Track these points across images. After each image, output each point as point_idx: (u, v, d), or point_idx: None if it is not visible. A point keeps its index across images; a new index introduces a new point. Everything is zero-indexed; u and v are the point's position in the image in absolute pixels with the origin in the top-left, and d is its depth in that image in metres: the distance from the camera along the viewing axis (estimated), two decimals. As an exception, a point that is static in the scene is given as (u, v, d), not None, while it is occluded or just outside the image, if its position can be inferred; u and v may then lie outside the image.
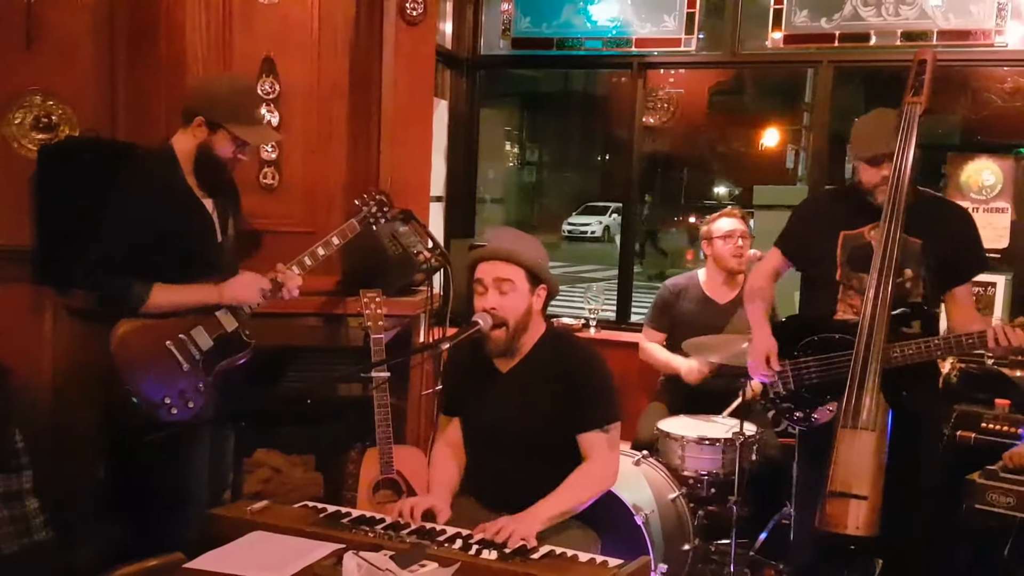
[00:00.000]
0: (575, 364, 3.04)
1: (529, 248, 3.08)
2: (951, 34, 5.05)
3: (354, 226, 3.81)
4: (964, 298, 3.47)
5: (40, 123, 4.13)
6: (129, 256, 3.25)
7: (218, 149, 3.38)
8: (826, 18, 5.28)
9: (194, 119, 3.36)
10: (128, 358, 3.30)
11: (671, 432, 4.25)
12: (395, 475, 3.97)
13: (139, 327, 3.31)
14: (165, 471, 3.39)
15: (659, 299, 4.95)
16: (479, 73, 6.17)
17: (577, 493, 2.91)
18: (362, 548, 2.35)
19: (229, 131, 3.36)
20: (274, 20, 4.32)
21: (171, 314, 3.32)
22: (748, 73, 15.78)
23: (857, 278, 3.44)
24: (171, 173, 3.37)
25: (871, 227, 3.43)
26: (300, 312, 4.33)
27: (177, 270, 3.34)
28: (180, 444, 3.34)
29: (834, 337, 3.44)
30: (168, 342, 3.33)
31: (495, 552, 2.47)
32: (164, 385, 3.32)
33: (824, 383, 3.43)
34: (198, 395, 3.38)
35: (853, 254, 3.46)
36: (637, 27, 5.70)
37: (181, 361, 3.35)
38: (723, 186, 25.38)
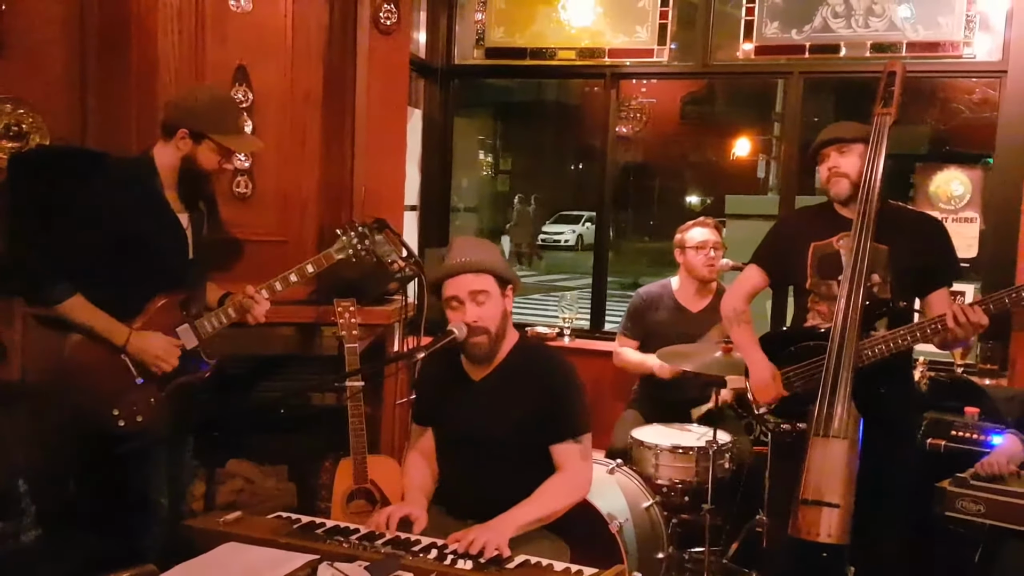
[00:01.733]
0: (547, 374, 3.05)
1: (491, 253, 3.10)
2: (920, 46, 5.11)
3: (331, 256, 3.77)
4: (940, 304, 3.48)
5: (10, 131, 4.09)
6: (77, 257, 3.23)
7: (203, 160, 3.35)
8: (796, 29, 5.33)
9: (176, 132, 3.32)
10: (81, 364, 3.27)
11: (645, 441, 4.26)
12: (369, 485, 3.96)
13: (90, 337, 3.27)
14: (122, 481, 3.36)
15: (632, 307, 4.96)
16: (453, 82, 6.18)
17: (549, 502, 2.91)
18: (337, 559, 2.34)
19: (214, 141, 3.33)
20: (247, 28, 4.31)
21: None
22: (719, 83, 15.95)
23: (825, 284, 3.50)
24: (147, 183, 3.33)
25: (839, 237, 3.49)
26: (274, 321, 4.30)
27: (139, 280, 3.31)
28: (134, 455, 3.32)
29: (809, 345, 3.47)
30: (124, 355, 3.30)
31: (470, 562, 2.46)
32: (114, 397, 3.28)
33: (807, 392, 3.45)
34: (148, 409, 3.32)
35: (822, 262, 3.52)
36: (610, 37, 5.73)
37: (135, 374, 3.31)
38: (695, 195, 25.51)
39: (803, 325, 3.55)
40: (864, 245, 3.29)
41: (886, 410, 3.31)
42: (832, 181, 3.50)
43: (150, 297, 3.34)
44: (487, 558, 2.49)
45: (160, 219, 3.35)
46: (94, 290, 3.24)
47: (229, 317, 3.50)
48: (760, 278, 3.74)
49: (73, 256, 3.24)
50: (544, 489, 2.92)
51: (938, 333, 3.27)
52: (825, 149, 3.53)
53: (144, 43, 4.19)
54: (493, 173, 29.06)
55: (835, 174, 3.49)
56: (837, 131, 3.55)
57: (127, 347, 3.28)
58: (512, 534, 2.68)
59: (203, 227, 3.52)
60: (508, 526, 2.71)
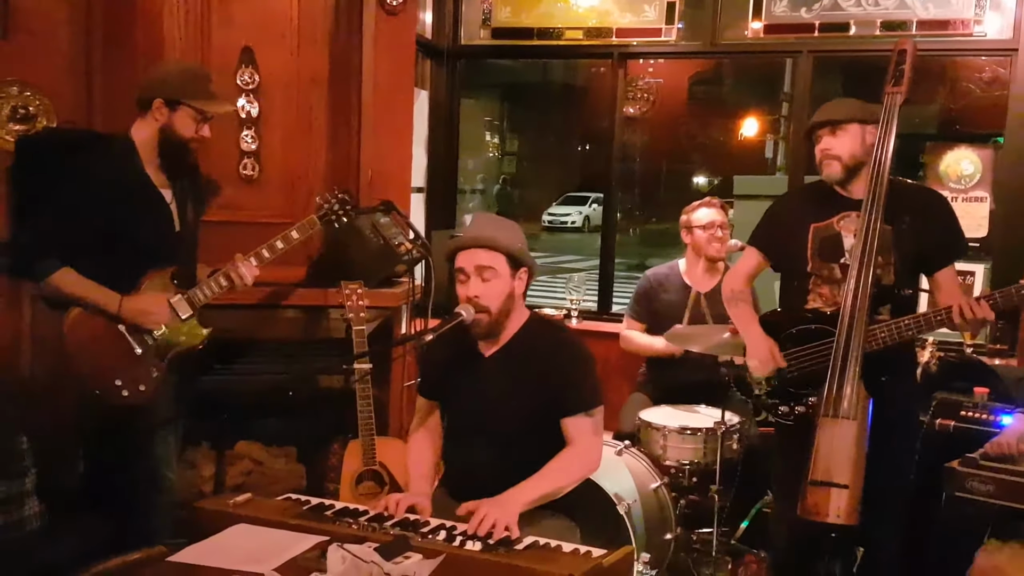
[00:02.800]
0: (558, 348, 3.04)
1: (508, 233, 3.07)
2: (930, 24, 5.07)
3: (314, 222, 3.80)
4: (948, 282, 3.46)
5: (17, 114, 4.09)
6: (63, 235, 3.30)
7: (180, 127, 3.41)
8: (806, 8, 5.29)
9: (152, 103, 3.39)
10: (80, 340, 3.33)
11: (653, 422, 4.27)
12: (378, 467, 3.97)
13: (85, 308, 3.35)
14: (129, 454, 3.44)
15: (640, 289, 4.95)
16: (459, 63, 6.15)
17: (559, 476, 2.91)
18: (346, 540, 2.34)
19: (189, 105, 3.39)
20: (253, 9, 4.31)
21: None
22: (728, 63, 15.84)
23: (827, 268, 3.47)
24: (126, 162, 3.39)
25: (839, 217, 3.46)
26: (281, 304, 4.32)
27: (128, 257, 3.38)
28: (141, 427, 3.41)
29: (811, 328, 3.46)
30: (122, 327, 3.37)
31: (479, 543, 2.47)
32: (116, 368, 3.36)
33: (807, 374, 3.45)
34: (150, 379, 3.41)
35: (822, 245, 3.48)
36: (617, 17, 5.70)
37: (134, 345, 3.39)
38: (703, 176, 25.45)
39: (804, 307, 3.53)
40: (874, 226, 3.27)
41: (888, 397, 3.30)
42: (824, 163, 3.46)
43: (141, 272, 3.41)
44: (496, 539, 2.50)
45: (142, 195, 3.41)
46: (85, 267, 3.31)
47: (220, 285, 3.54)
48: (759, 259, 3.70)
49: (61, 233, 3.31)
50: (554, 464, 2.91)
51: (943, 324, 3.27)
52: (819, 131, 3.49)
53: (150, 25, 4.19)
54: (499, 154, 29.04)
55: (827, 156, 3.44)
56: (829, 112, 3.50)
57: (120, 312, 3.34)
58: (521, 509, 2.68)
59: (188, 201, 3.57)
60: (517, 501, 2.71)
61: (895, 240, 3.38)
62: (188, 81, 3.44)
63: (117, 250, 3.35)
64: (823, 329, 3.39)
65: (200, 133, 3.46)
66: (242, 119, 4.33)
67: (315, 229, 3.81)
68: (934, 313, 3.27)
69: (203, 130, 3.46)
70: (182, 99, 3.39)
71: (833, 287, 3.44)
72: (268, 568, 2.19)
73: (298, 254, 4.35)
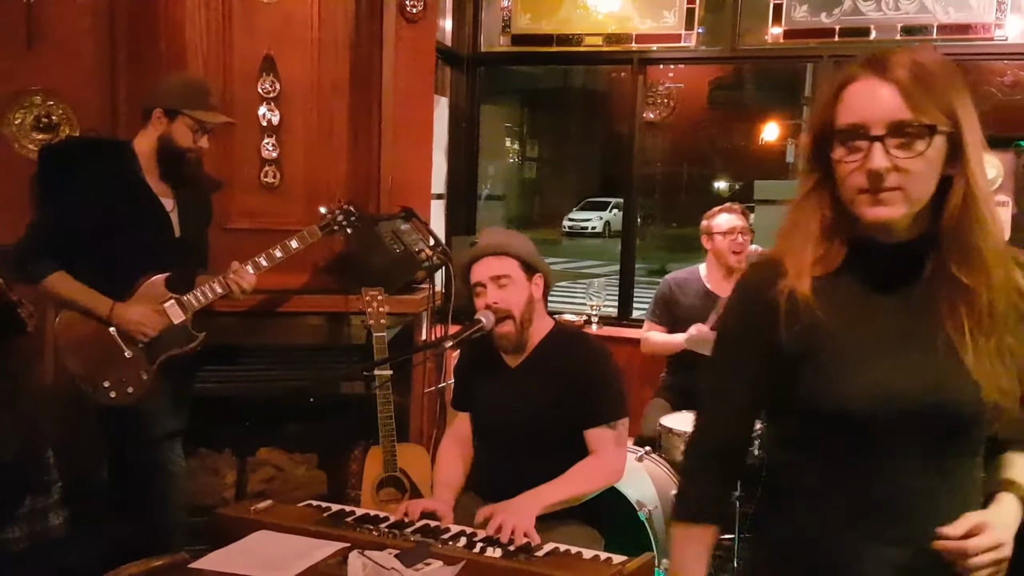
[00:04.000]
0: (583, 359, 3.04)
1: (518, 240, 3.11)
2: (951, 28, 5.05)
3: (315, 232, 3.85)
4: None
5: (40, 123, 4.13)
6: (60, 238, 3.40)
7: (178, 137, 3.48)
8: (826, 13, 5.27)
9: (152, 113, 3.48)
10: (70, 340, 3.42)
11: (674, 428, 4.25)
12: (399, 473, 3.98)
13: (79, 312, 3.43)
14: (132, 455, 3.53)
15: (660, 294, 4.94)
16: (479, 70, 6.16)
17: (578, 484, 2.91)
18: (367, 547, 2.35)
19: (187, 116, 3.47)
20: (274, 18, 4.33)
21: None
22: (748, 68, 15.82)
23: None
24: (125, 169, 3.48)
25: None
26: (302, 311, 4.34)
27: (126, 260, 3.46)
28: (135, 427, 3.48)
29: None
30: (112, 329, 3.44)
31: (499, 550, 2.47)
32: (104, 369, 3.43)
33: None
34: (139, 382, 3.47)
35: None
36: (637, 23, 5.70)
37: (123, 347, 3.45)
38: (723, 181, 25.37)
39: None
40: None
41: None
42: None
43: (136, 277, 3.48)
44: (516, 545, 2.50)
45: (139, 202, 3.49)
46: (83, 271, 3.41)
47: (214, 292, 3.59)
48: None
49: (58, 236, 3.41)
50: (574, 470, 2.91)
51: None
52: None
53: (172, 34, 4.22)
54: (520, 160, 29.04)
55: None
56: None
57: (111, 318, 3.42)
58: (537, 513, 2.68)
59: (190, 209, 3.63)
60: (533, 506, 2.71)
61: None
62: (187, 93, 3.52)
63: (114, 254, 3.43)
64: None
65: (198, 143, 3.53)
66: (263, 127, 4.35)
67: (315, 239, 3.85)
68: None
69: (201, 141, 3.53)
70: (180, 110, 3.46)
71: None
72: (289, 574, 2.20)
73: (319, 261, 4.39)
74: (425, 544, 2.45)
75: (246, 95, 4.32)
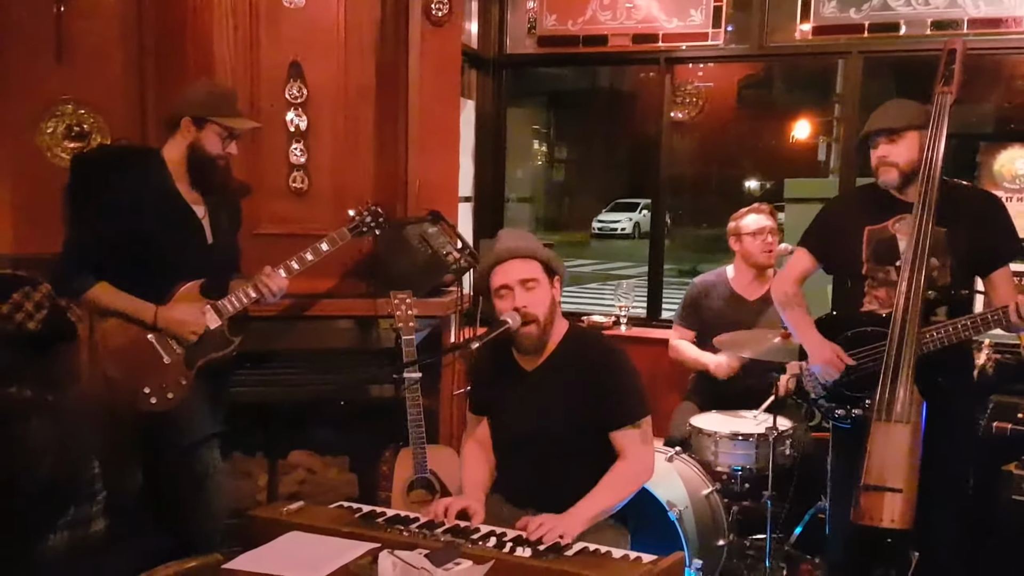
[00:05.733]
0: (601, 360, 3.05)
1: (536, 242, 3.14)
2: (982, 22, 5.01)
3: (345, 234, 3.90)
4: (1003, 282, 3.43)
5: (72, 132, 4.20)
6: (97, 251, 3.44)
7: (207, 144, 3.52)
8: (855, 8, 5.25)
9: (180, 122, 3.52)
10: (110, 348, 3.45)
11: (704, 428, 4.26)
12: (429, 474, 4.00)
13: (124, 319, 3.47)
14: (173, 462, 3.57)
15: (688, 296, 4.94)
16: (505, 72, 6.17)
17: (616, 491, 2.92)
18: (397, 547, 2.37)
19: (215, 123, 3.51)
20: (300, 24, 4.37)
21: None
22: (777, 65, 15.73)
23: (883, 271, 3.45)
24: (156, 179, 3.52)
25: (895, 220, 3.45)
26: (332, 315, 4.38)
27: (161, 269, 3.50)
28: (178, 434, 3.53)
29: (866, 331, 3.44)
30: (150, 336, 3.49)
31: (529, 549, 2.48)
32: (144, 376, 3.47)
33: (863, 377, 3.42)
34: (178, 387, 3.51)
35: (877, 247, 3.47)
36: (664, 22, 5.69)
37: (162, 354, 3.50)
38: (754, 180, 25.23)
39: (859, 310, 3.51)
40: (926, 228, 3.25)
41: (945, 400, 3.27)
42: (881, 170, 3.44)
43: (172, 284, 3.52)
44: (546, 545, 2.51)
45: (171, 210, 3.53)
46: (120, 281, 3.46)
47: (248, 296, 3.63)
48: (810, 262, 3.67)
49: (95, 249, 3.45)
50: (608, 479, 2.92)
51: (1000, 324, 3.24)
52: (876, 137, 3.46)
53: (200, 42, 4.27)
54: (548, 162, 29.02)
55: (883, 163, 3.43)
56: (888, 119, 3.47)
57: (156, 322, 3.47)
58: (583, 528, 2.70)
59: (221, 215, 3.67)
60: (578, 519, 2.72)
61: (949, 241, 3.35)
62: (214, 100, 3.56)
63: (148, 263, 3.47)
64: (879, 332, 3.37)
65: (227, 150, 3.57)
66: (291, 132, 4.39)
67: (345, 242, 3.89)
68: (991, 312, 3.24)
69: (230, 147, 3.58)
70: (208, 117, 3.51)
71: (889, 289, 3.42)
72: (321, 574, 2.23)
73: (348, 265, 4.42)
74: (455, 544, 2.47)
75: (274, 101, 4.36)
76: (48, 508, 2.59)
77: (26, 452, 2.55)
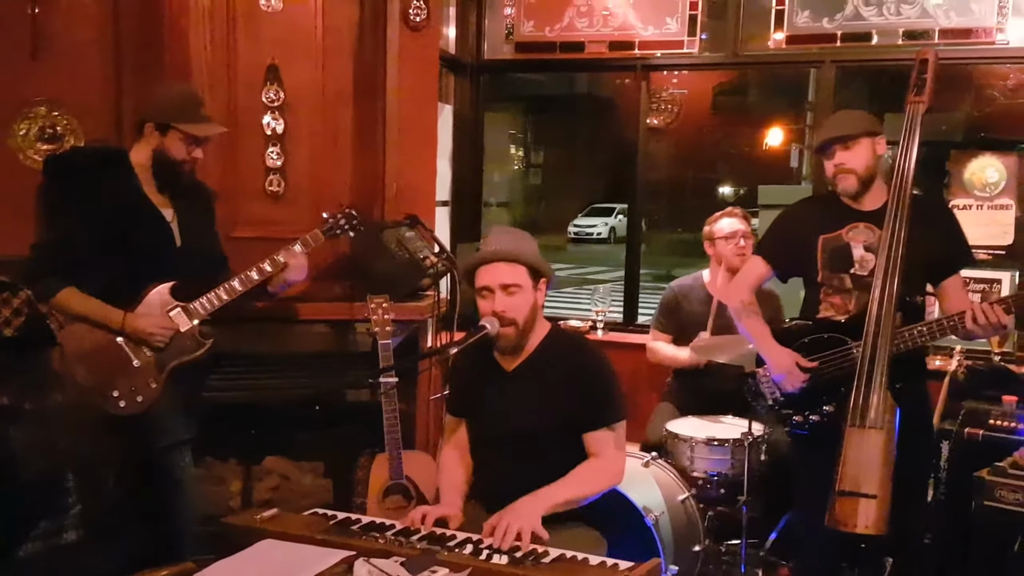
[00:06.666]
0: (580, 363, 3.04)
1: (527, 244, 3.10)
2: (952, 32, 5.04)
3: (318, 236, 3.87)
4: (955, 290, 3.48)
5: (45, 134, 4.14)
6: (65, 255, 3.40)
7: (171, 150, 3.49)
8: (828, 18, 5.27)
9: (144, 127, 3.49)
10: (77, 351, 3.39)
11: (680, 433, 4.24)
12: (405, 480, 3.97)
13: (91, 325, 3.43)
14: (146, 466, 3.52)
15: (665, 301, 4.93)
16: (483, 77, 6.16)
17: (580, 486, 2.91)
18: (372, 555, 2.35)
19: (178, 129, 3.47)
20: (278, 27, 4.34)
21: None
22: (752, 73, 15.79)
23: (837, 278, 3.47)
24: (123, 182, 3.48)
25: (848, 228, 3.47)
26: (308, 319, 4.34)
27: (130, 272, 3.46)
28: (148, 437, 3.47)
29: (823, 337, 3.44)
30: (120, 339, 3.44)
31: (506, 557, 2.46)
32: (113, 379, 3.42)
33: (821, 383, 3.42)
34: (148, 390, 3.46)
35: (832, 255, 3.48)
36: (640, 30, 5.69)
37: (132, 357, 3.45)
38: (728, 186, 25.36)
39: (816, 317, 3.51)
40: (898, 236, 3.26)
41: (903, 404, 3.27)
42: (840, 177, 3.46)
43: (141, 286, 3.48)
44: (524, 550, 2.49)
45: (139, 214, 3.49)
46: (89, 284, 3.41)
47: (220, 299, 3.59)
48: (765, 269, 3.67)
49: (63, 253, 3.41)
50: (577, 472, 2.92)
51: (956, 330, 3.25)
52: (833, 145, 3.47)
53: (177, 44, 4.23)
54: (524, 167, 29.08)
55: (841, 170, 3.44)
56: (842, 127, 3.49)
57: (124, 327, 3.42)
58: (542, 514, 2.70)
59: (191, 218, 3.63)
60: (537, 507, 2.72)
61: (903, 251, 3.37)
62: (177, 106, 3.52)
63: (117, 266, 3.44)
64: (836, 338, 3.40)
65: (192, 155, 3.53)
66: (268, 136, 4.35)
67: (318, 244, 3.86)
68: (947, 319, 3.28)
69: (195, 152, 3.54)
70: (171, 123, 3.47)
71: (844, 296, 3.46)
72: (295, 583, 2.20)
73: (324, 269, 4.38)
74: (431, 552, 2.44)
75: (251, 104, 4.32)
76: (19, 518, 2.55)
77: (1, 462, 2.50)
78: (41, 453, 2.53)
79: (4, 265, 3.11)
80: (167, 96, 3.58)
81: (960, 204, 5.03)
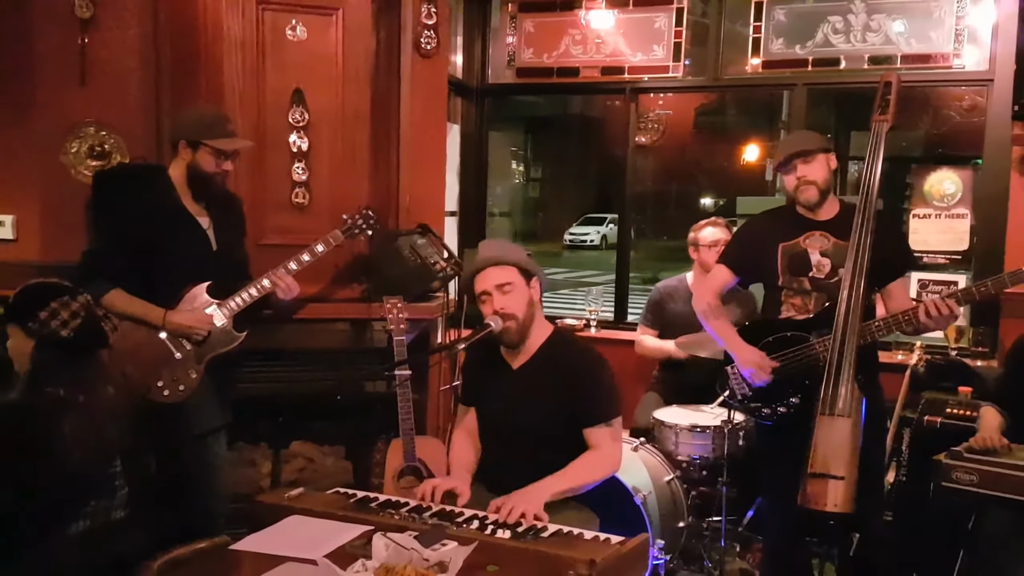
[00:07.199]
0: (581, 363, 3.04)
1: (512, 249, 3.16)
2: (913, 58, 5.06)
3: (338, 236, 3.87)
4: (899, 292, 3.49)
5: (94, 152, 4.16)
6: (111, 259, 3.43)
7: (203, 164, 3.51)
8: (800, 45, 5.29)
9: (178, 145, 3.52)
10: (125, 347, 3.40)
11: (666, 421, 4.26)
12: (417, 463, 3.98)
13: (135, 322, 3.46)
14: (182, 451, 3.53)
15: (651, 300, 4.95)
16: (487, 100, 6.19)
17: (581, 475, 2.91)
18: (389, 529, 2.35)
19: (207, 145, 3.48)
20: (303, 55, 4.35)
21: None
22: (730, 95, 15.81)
23: (797, 281, 3.47)
24: (163, 194, 3.51)
25: (805, 236, 3.47)
26: (331, 318, 4.36)
27: (171, 274, 3.49)
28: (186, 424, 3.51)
29: (786, 335, 3.44)
30: (162, 334, 3.47)
31: (508, 531, 2.47)
32: (158, 371, 3.46)
33: (786, 377, 3.42)
34: (189, 380, 3.49)
35: (791, 261, 3.48)
36: (629, 56, 5.72)
37: (173, 350, 3.48)
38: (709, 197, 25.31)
39: (778, 317, 3.51)
40: (864, 242, 3.26)
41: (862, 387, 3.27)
42: (801, 189, 3.45)
43: (181, 287, 3.51)
44: (525, 527, 2.50)
45: (178, 222, 3.52)
46: (134, 286, 3.44)
47: (251, 295, 3.60)
48: (728, 276, 3.66)
49: (110, 257, 3.44)
50: (579, 462, 2.92)
51: (911, 324, 3.25)
52: (794, 160, 3.46)
53: (211, 70, 4.25)
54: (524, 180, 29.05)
55: (804, 182, 3.44)
56: (802, 143, 3.50)
57: (165, 323, 3.45)
58: (546, 500, 2.70)
59: (225, 224, 3.65)
60: (542, 494, 2.73)
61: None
62: (205, 124, 3.53)
63: (159, 269, 3.46)
64: (798, 335, 3.40)
65: (222, 167, 3.54)
66: (293, 153, 4.37)
67: (338, 243, 3.87)
68: (902, 314, 3.28)
69: (225, 164, 3.55)
70: (201, 140, 3.49)
71: (804, 297, 3.46)
72: (319, 555, 2.20)
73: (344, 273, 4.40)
74: (441, 527, 2.45)
75: (278, 124, 4.33)
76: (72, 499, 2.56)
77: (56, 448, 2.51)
78: (92, 440, 2.54)
79: (62, 271, 3.12)
80: (196, 116, 3.60)
81: (920, 213, 5.05)
